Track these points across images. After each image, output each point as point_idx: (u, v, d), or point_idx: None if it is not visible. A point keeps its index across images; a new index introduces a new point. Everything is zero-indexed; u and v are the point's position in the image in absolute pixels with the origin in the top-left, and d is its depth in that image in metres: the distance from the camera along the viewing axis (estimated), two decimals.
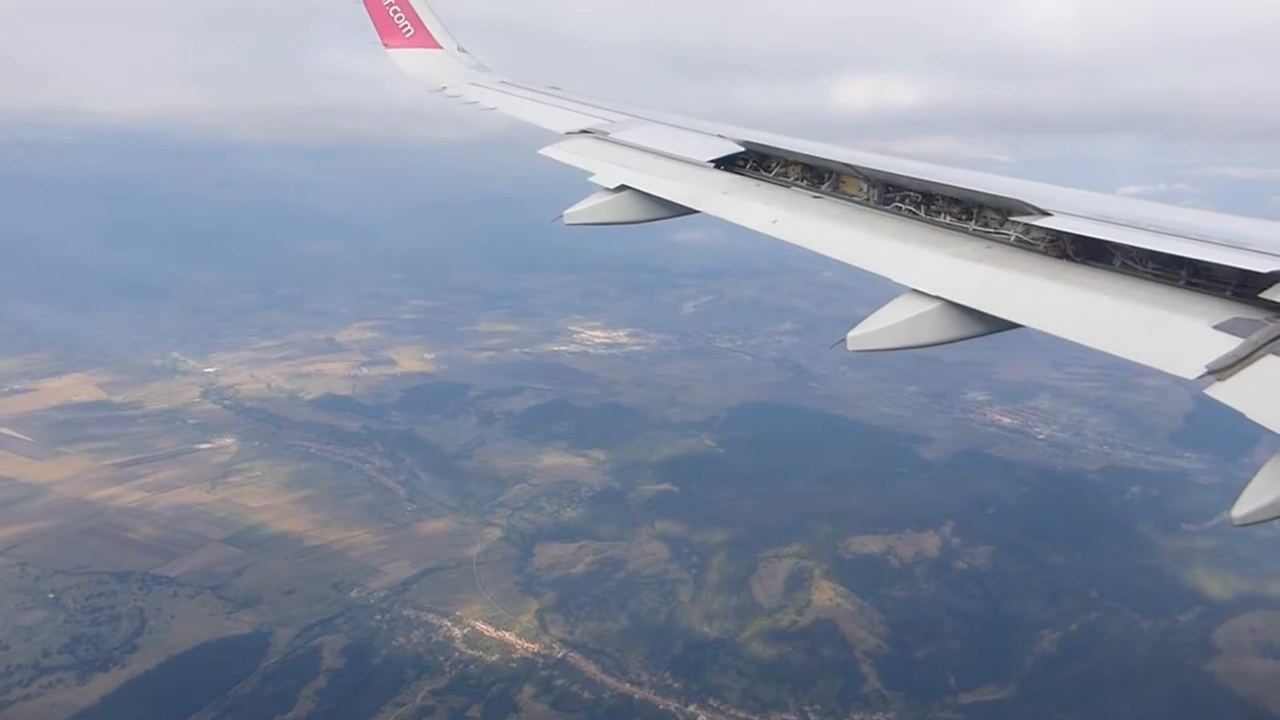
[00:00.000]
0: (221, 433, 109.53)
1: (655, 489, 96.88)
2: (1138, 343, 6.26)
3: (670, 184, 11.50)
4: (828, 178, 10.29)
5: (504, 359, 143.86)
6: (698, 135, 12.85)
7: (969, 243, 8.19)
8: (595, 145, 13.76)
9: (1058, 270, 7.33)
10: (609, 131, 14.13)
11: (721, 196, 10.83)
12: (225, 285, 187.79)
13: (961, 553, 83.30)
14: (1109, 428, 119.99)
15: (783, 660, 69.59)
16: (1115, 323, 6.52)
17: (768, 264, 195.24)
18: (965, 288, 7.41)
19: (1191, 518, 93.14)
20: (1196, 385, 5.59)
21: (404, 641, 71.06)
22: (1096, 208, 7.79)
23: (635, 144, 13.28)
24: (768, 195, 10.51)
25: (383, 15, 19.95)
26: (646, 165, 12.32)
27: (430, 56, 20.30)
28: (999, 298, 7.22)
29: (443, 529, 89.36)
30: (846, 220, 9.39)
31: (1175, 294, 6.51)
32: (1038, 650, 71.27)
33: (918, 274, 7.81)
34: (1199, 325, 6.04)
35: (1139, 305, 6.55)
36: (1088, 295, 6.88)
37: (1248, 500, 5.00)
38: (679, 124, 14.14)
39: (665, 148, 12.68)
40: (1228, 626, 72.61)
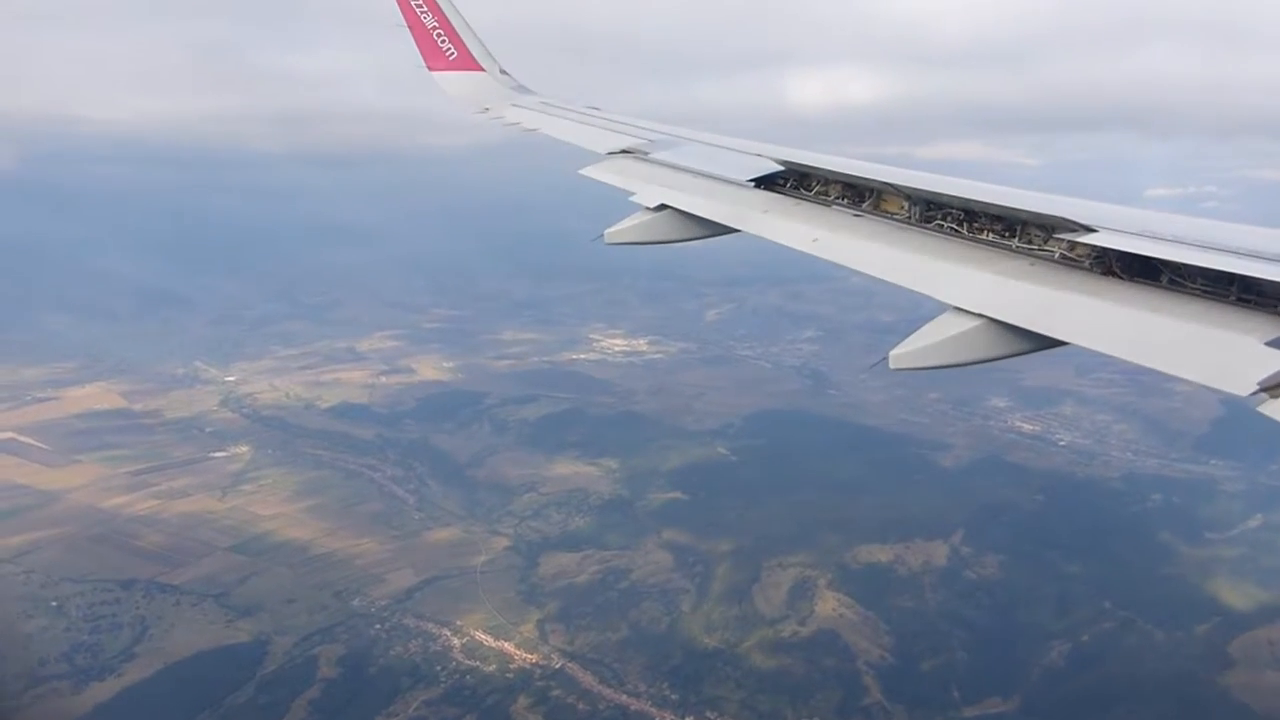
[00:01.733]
0: (237, 441, 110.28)
1: (665, 497, 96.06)
2: (1188, 359, 6.24)
3: (710, 203, 11.68)
4: (868, 196, 10.31)
5: (523, 367, 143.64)
6: (737, 154, 13.02)
7: (1012, 260, 8.20)
8: (635, 165, 14.05)
9: (1104, 287, 7.33)
10: (649, 151, 14.41)
11: (761, 215, 10.94)
12: (251, 295, 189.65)
13: (971, 562, 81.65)
14: (1133, 434, 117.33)
15: (783, 671, 68.45)
16: (1165, 340, 6.50)
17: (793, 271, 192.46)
18: (1009, 305, 7.40)
19: (1215, 526, 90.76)
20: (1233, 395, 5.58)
21: (402, 651, 70.78)
22: (1142, 223, 7.74)
23: (675, 164, 13.51)
24: (808, 214, 10.60)
25: (427, 39, 20.50)
26: (686, 185, 12.49)
27: (473, 79, 20.88)
28: (1044, 315, 7.21)
29: (449, 538, 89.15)
30: (888, 239, 9.42)
31: (1225, 310, 6.47)
32: (1046, 662, 69.55)
33: (960, 292, 7.81)
34: (1250, 342, 5.99)
35: (1188, 322, 6.52)
36: (1136, 312, 6.86)
37: None
38: (718, 143, 14.27)
39: (705, 167, 12.90)
40: (1245, 639, 70.41)
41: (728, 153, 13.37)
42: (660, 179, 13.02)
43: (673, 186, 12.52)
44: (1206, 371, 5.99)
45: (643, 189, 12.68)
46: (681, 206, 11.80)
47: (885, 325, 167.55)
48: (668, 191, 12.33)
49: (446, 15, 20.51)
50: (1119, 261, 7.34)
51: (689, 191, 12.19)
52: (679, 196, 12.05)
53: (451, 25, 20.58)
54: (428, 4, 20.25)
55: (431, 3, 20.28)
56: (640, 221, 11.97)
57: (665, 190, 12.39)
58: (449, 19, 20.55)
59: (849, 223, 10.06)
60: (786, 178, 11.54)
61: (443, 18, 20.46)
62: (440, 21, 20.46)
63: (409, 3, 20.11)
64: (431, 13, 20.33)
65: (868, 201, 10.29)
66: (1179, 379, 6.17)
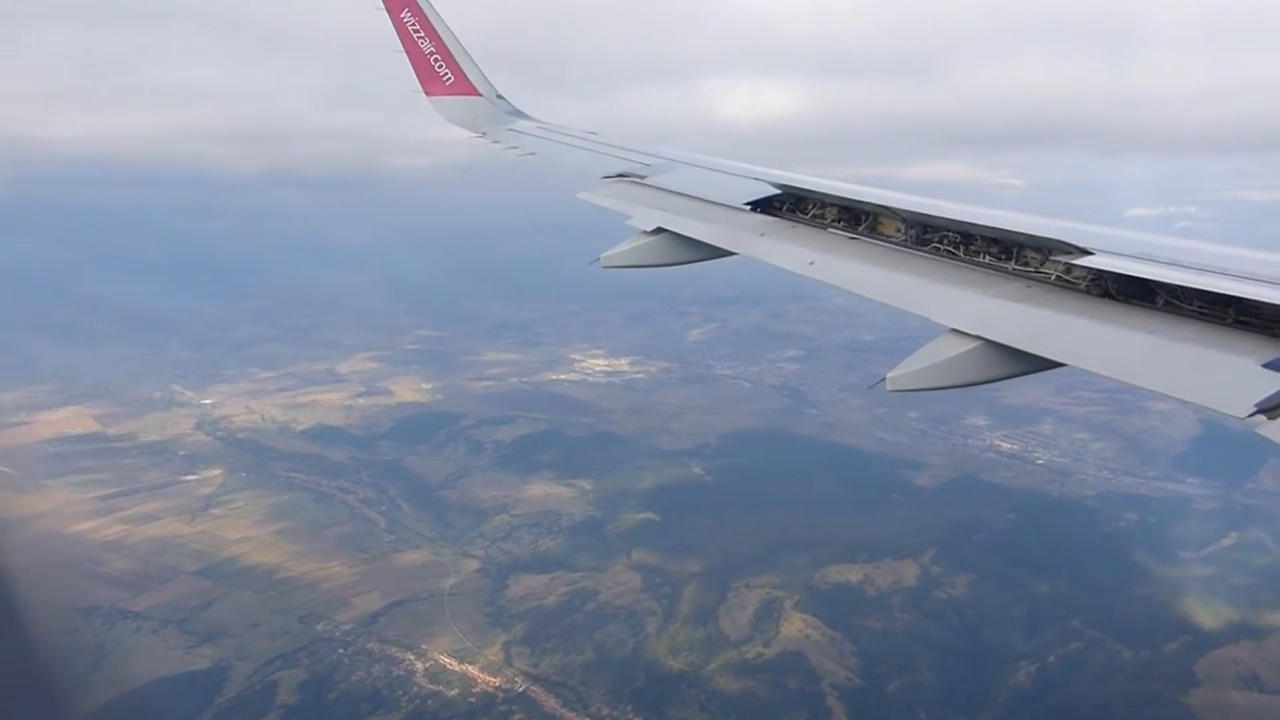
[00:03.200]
0: (210, 464, 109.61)
1: (637, 518, 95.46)
2: (1185, 382, 6.29)
3: (707, 227, 11.83)
4: (864, 219, 10.41)
5: (501, 388, 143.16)
6: (733, 178, 13.26)
7: (1009, 282, 8.31)
8: (632, 189, 14.18)
9: (1101, 309, 7.43)
10: (645, 175, 14.56)
11: (758, 239, 11.08)
12: (232, 317, 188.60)
13: (941, 582, 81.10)
14: (1111, 453, 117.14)
15: (747, 694, 67.75)
16: (1161, 361, 6.56)
17: (777, 291, 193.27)
18: (1006, 327, 7.53)
19: (1189, 545, 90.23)
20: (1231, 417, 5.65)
21: (363, 676, 69.95)
22: (1138, 246, 7.84)
23: (671, 188, 13.67)
24: (804, 237, 10.75)
25: (424, 64, 20.73)
26: (683, 208, 12.65)
27: (469, 103, 21.15)
28: (1041, 337, 7.29)
29: (419, 560, 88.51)
30: (884, 261, 9.59)
31: (1222, 332, 6.55)
32: (1013, 683, 68.90)
33: (957, 314, 7.95)
34: (1247, 364, 6.03)
35: (1185, 344, 6.57)
36: (1132, 334, 6.93)
37: None
38: (714, 167, 14.51)
39: (701, 191, 13.10)
40: (1211, 657, 69.78)
41: (724, 176, 13.59)
42: (656, 203, 13.16)
43: (669, 210, 12.66)
44: (1203, 393, 6.05)
45: (639, 213, 12.80)
46: (678, 230, 11.93)
47: (867, 345, 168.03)
48: (664, 215, 12.44)
49: (443, 40, 20.77)
50: (1115, 284, 7.42)
51: (685, 215, 12.33)
52: (676, 220, 12.20)
53: (448, 50, 20.87)
54: (424, 29, 20.51)
55: (428, 28, 20.53)
56: (637, 245, 12.12)
57: (662, 214, 12.52)
58: (445, 44, 20.83)
59: (845, 245, 10.19)
60: (783, 201, 11.66)
61: (439, 43, 20.73)
62: (437, 47, 20.75)
63: (406, 28, 20.37)
64: (428, 38, 20.59)
65: (864, 224, 10.37)
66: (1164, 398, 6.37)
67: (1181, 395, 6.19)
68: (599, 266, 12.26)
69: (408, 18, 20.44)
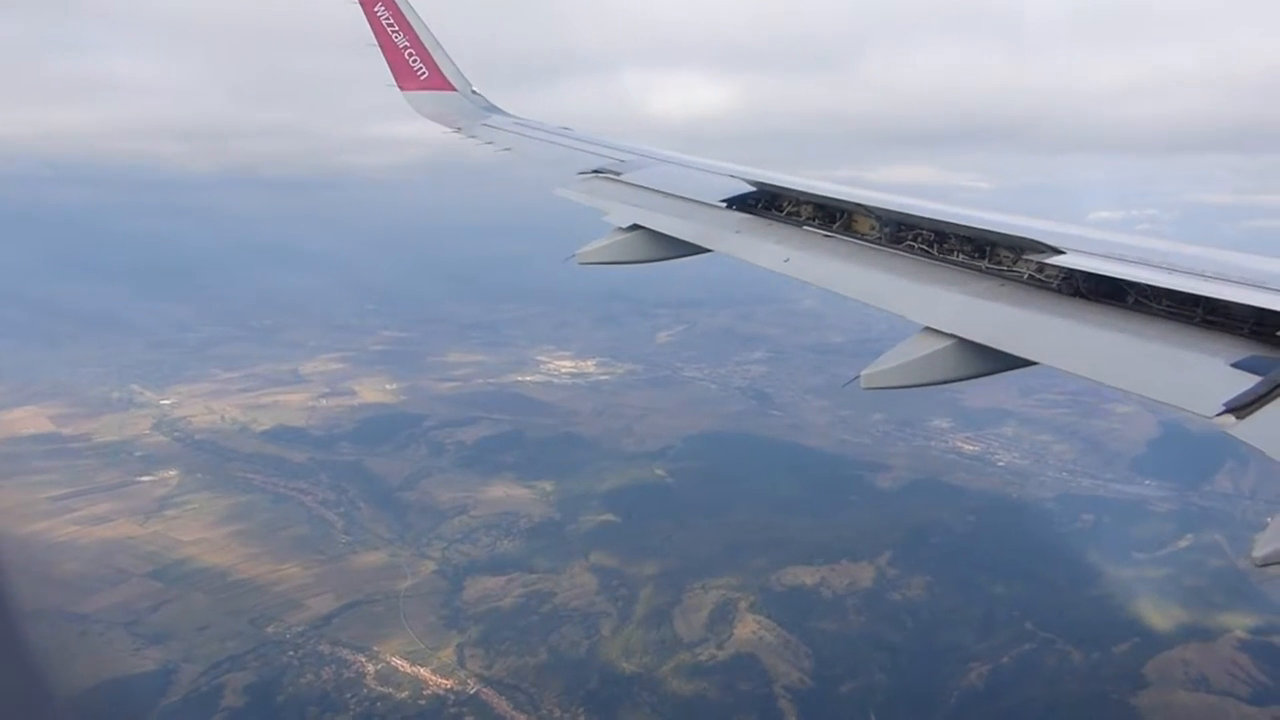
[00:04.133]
0: (166, 465, 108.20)
1: (597, 520, 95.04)
2: (1154, 381, 6.30)
3: (683, 223, 11.84)
4: (839, 217, 10.45)
5: (466, 389, 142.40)
6: (709, 175, 13.34)
7: (982, 281, 8.36)
8: (608, 185, 14.18)
9: (1071, 308, 7.47)
10: (621, 172, 14.51)
11: (734, 236, 11.11)
12: (196, 318, 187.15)
13: (898, 583, 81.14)
14: (1071, 455, 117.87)
15: (699, 696, 67.44)
16: (1131, 360, 6.61)
17: (745, 293, 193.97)
18: (979, 326, 7.58)
19: (1145, 547, 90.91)
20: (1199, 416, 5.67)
21: (312, 679, 69.12)
22: (1109, 245, 7.90)
23: (647, 184, 13.61)
24: (780, 234, 10.76)
25: (398, 59, 20.66)
26: (659, 205, 12.65)
27: (444, 99, 21.05)
28: (1013, 335, 7.35)
29: (375, 562, 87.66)
30: (859, 259, 9.64)
31: (1191, 332, 6.59)
32: (965, 684, 68.94)
33: (931, 312, 7.99)
34: (1216, 363, 6.08)
35: (1154, 343, 6.63)
36: (1102, 333, 7.00)
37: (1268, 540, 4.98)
38: (691, 164, 14.53)
39: (677, 188, 13.04)
40: (1160, 659, 70.15)
41: (700, 173, 13.65)
42: (632, 199, 13.15)
43: (645, 207, 12.66)
44: (1173, 393, 6.06)
45: (615, 209, 12.80)
46: (654, 227, 11.93)
47: (834, 347, 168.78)
48: (640, 212, 12.45)
49: (418, 35, 20.68)
50: (1086, 283, 7.48)
51: (661, 212, 12.34)
52: (651, 217, 12.20)
53: (423, 45, 20.78)
54: (399, 24, 20.42)
55: (403, 22, 20.44)
56: (612, 242, 12.10)
57: (637, 210, 12.51)
58: (420, 39, 20.73)
59: (820, 243, 10.24)
60: (758, 198, 11.65)
61: (414, 37, 20.64)
62: (411, 41, 20.66)
63: (380, 22, 20.25)
64: (403, 32, 20.51)
65: (839, 222, 10.41)
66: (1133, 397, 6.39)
67: (1151, 394, 6.21)
68: (574, 263, 12.20)
69: (381, 12, 20.35)
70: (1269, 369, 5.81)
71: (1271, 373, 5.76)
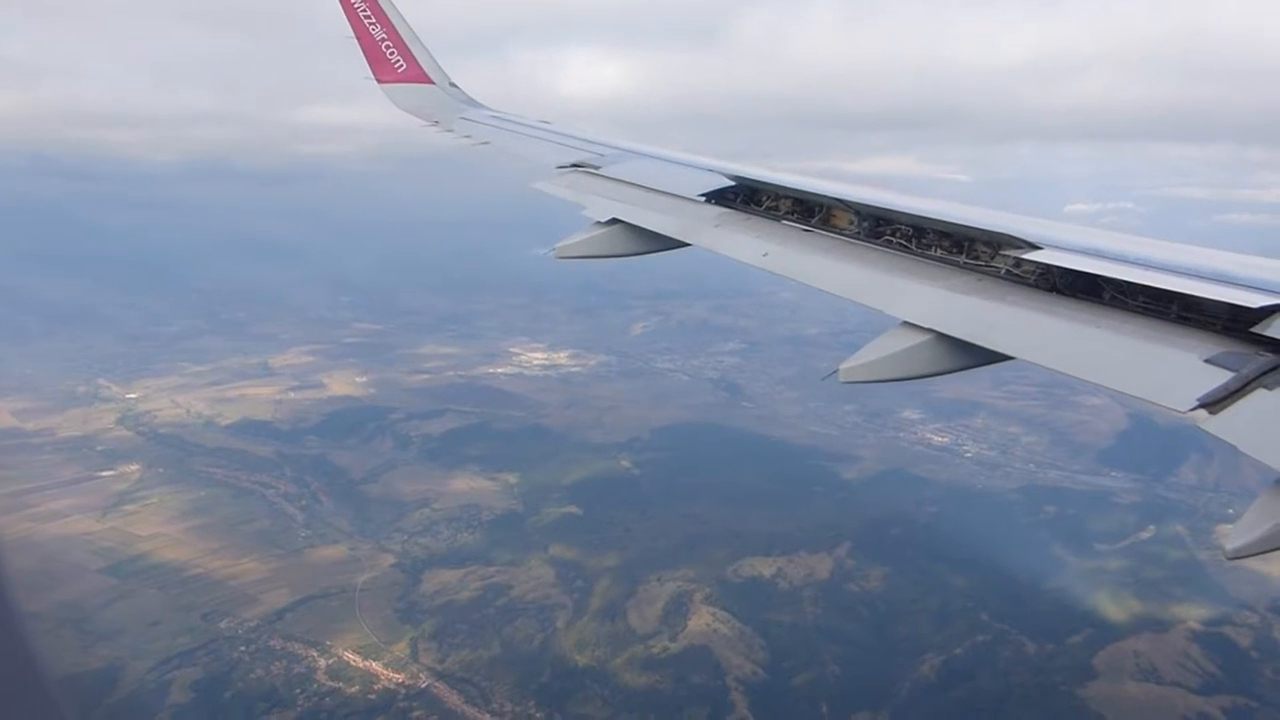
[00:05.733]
0: (128, 460, 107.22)
1: (559, 512, 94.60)
2: (1129, 376, 6.39)
3: (661, 217, 11.86)
4: (818, 211, 10.48)
5: (436, 382, 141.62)
6: (688, 169, 13.24)
7: (960, 276, 8.39)
8: (586, 179, 14.20)
9: (1048, 303, 7.51)
10: (600, 166, 14.55)
11: (713, 230, 11.15)
12: (168, 311, 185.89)
13: (855, 575, 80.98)
14: (1040, 446, 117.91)
15: (651, 689, 67.18)
16: (1106, 355, 6.69)
17: (722, 285, 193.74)
18: (956, 320, 7.60)
19: (1106, 538, 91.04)
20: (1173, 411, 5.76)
21: (262, 674, 68.54)
22: (1086, 242, 7.92)
23: (626, 178, 13.67)
24: (758, 229, 10.78)
25: (375, 50, 20.60)
26: (637, 199, 12.67)
27: (422, 91, 21.01)
28: (990, 330, 7.38)
29: (334, 556, 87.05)
30: (837, 254, 9.64)
31: (1166, 328, 6.66)
32: (917, 676, 68.79)
33: (909, 307, 8.01)
34: (1190, 359, 6.17)
35: (1129, 339, 6.70)
36: (1078, 328, 7.06)
37: (1241, 533, 5.07)
38: (669, 158, 14.51)
39: (656, 182, 13.05)
40: (1112, 650, 70.18)
41: (679, 168, 13.56)
42: (611, 193, 13.19)
43: (624, 201, 12.68)
44: (1147, 388, 6.16)
45: (594, 203, 12.85)
46: (633, 221, 11.94)
47: (809, 338, 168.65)
48: (619, 206, 12.49)
49: (395, 27, 20.60)
50: (1063, 278, 7.51)
51: (640, 206, 12.38)
52: (630, 211, 12.22)
53: (400, 37, 20.71)
54: (375, 15, 20.36)
55: (379, 14, 20.36)
56: (591, 235, 12.10)
57: (617, 204, 12.55)
58: (397, 31, 20.65)
59: (799, 238, 10.27)
60: (737, 193, 11.67)
61: (390, 29, 20.56)
62: (388, 33, 20.58)
63: (357, 14, 20.18)
64: (379, 24, 20.43)
65: (817, 217, 10.44)
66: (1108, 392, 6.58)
67: (1126, 389, 6.28)
68: (551, 257, 12.17)
69: (358, 3, 20.18)
70: (1241, 365, 5.90)
71: (1244, 369, 5.85)
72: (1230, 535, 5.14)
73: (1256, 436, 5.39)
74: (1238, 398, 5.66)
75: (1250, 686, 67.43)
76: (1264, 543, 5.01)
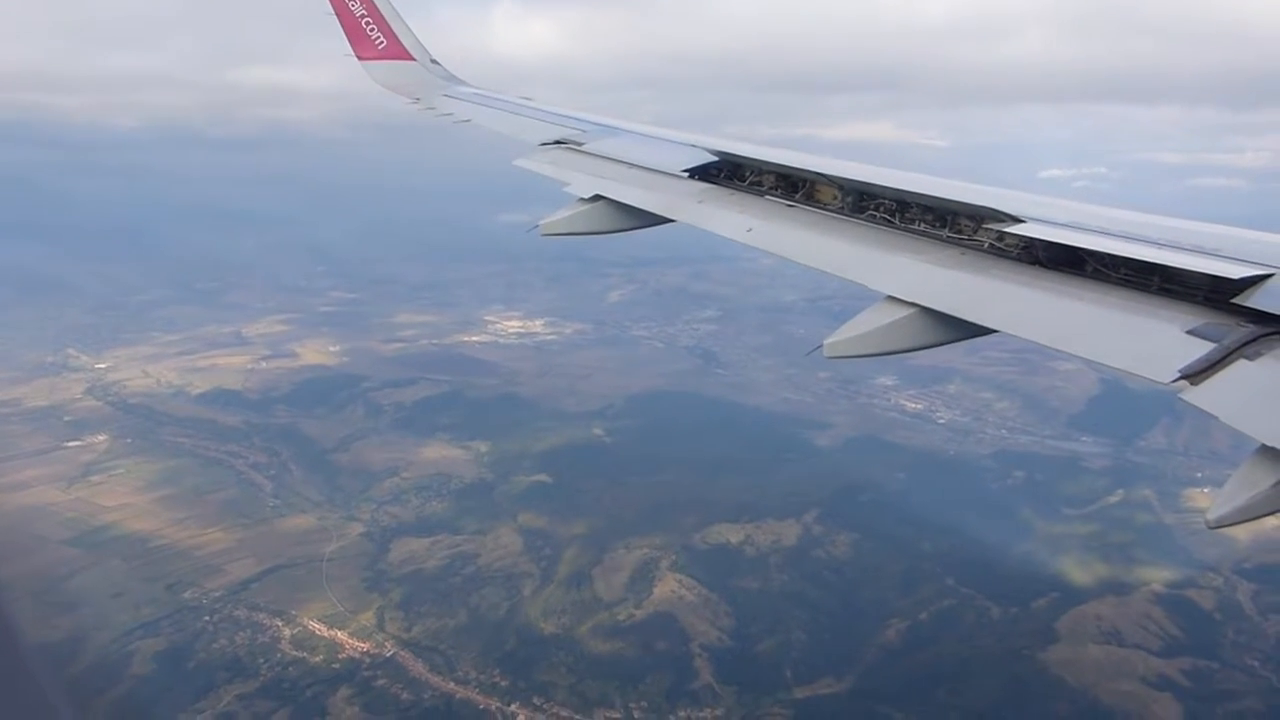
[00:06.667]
0: (96, 430, 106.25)
1: (529, 480, 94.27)
2: (1112, 348, 6.43)
3: (645, 194, 11.81)
4: (801, 186, 10.49)
5: (411, 350, 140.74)
6: (671, 145, 13.29)
7: (943, 250, 8.43)
8: (569, 156, 14.17)
9: (1030, 276, 7.57)
10: (582, 142, 14.48)
11: (696, 206, 11.11)
12: (141, 280, 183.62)
13: (823, 541, 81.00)
14: (1012, 412, 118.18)
15: (616, 656, 67.19)
16: (1088, 328, 6.74)
17: (700, 252, 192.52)
18: (940, 294, 7.63)
19: (1075, 502, 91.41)
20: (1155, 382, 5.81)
21: (226, 644, 68.23)
22: (1069, 214, 7.99)
23: (609, 154, 13.63)
24: (742, 204, 10.79)
25: (355, 27, 20.39)
26: (621, 175, 12.65)
27: (403, 68, 20.85)
28: (973, 304, 7.43)
29: (302, 525, 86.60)
30: (821, 228, 9.65)
31: (1148, 300, 6.71)
32: (881, 641, 68.97)
33: (893, 281, 8.04)
34: (1171, 330, 6.23)
35: (1111, 311, 6.76)
36: (1060, 301, 7.12)
37: (1222, 503, 5.14)
38: (652, 134, 14.46)
39: (639, 158, 13.03)
40: (1075, 613, 70.46)
41: (662, 143, 13.60)
42: (594, 169, 13.15)
43: (607, 177, 12.65)
44: (1130, 360, 6.18)
45: (577, 180, 12.80)
46: (616, 197, 11.90)
47: (785, 305, 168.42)
48: (602, 182, 12.42)
49: (375, 3, 20.43)
50: (1045, 251, 7.55)
51: (623, 182, 12.33)
52: (613, 187, 12.19)
53: (380, 13, 20.52)
54: None
55: None
56: (575, 212, 12.04)
57: (600, 181, 12.49)
58: (377, 7, 20.47)
59: (783, 212, 10.25)
60: (720, 168, 11.69)
61: (370, 6, 20.39)
62: (368, 9, 20.40)
63: None
64: (359, 1, 20.23)
65: (801, 192, 10.45)
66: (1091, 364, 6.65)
67: (1108, 362, 6.35)
68: (532, 230, 12.14)
69: None
70: (1222, 336, 5.95)
71: (1225, 339, 5.89)
72: (1211, 505, 5.22)
73: (1237, 407, 5.45)
74: (1219, 369, 5.73)
75: (1212, 648, 67.84)
76: (1244, 512, 5.08)
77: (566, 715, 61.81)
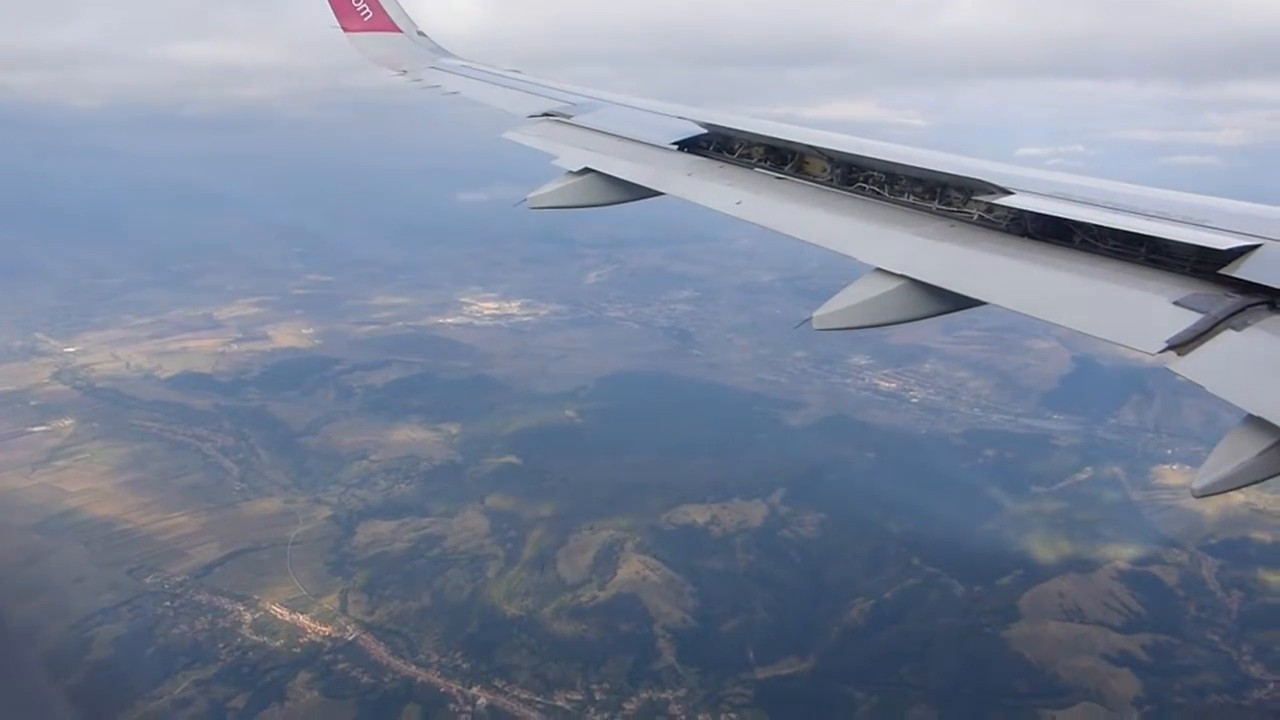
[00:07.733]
0: (62, 415, 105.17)
1: (498, 462, 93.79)
2: (1099, 319, 6.51)
3: (634, 166, 11.80)
4: (790, 159, 10.53)
5: (385, 333, 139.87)
6: (660, 117, 13.21)
7: (932, 222, 8.45)
8: (558, 129, 14.06)
9: (1019, 248, 7.63)
10: (571, 115, 14.43)
11: (685, 178, 11.10)
12: (112, 264, 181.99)
13: (789, 521, 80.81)
14: (986, 391, 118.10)
15: (578, 638, 66.89)
16: (1076, 299, 6.79)
17: (678, 231, 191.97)
18: (929, 266, 7.69)
19: (1043, 480, 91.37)
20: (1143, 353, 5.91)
21: (186, 629, 67.65)
22: (1057, 186, 7.99)
23: (598, 127, 13.59)
24: (731, 177, 10.79)
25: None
26: (609, 148, 12.63)
27: (390, 40, 20.65)
28: (962, 276, 7.47)
29: (269, 509, 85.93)
30: (810, 201, 9.67)
31: (1135, 271, 6.76)
32: (846, 620, 68.87)
33: (882, 253, 8.06)
34: (1159, 301, 6.27)
35: (1099, 282, 6.81)
36: (1049, 272, 7.15)
37: (1207, 472, 5.16)
38: (641, 106, 14.46)
39: (628, 130, 13.00)
40: (1037, 591, 70.54)
41: (650, 115, 13.57)
42: (583, 142, 13.13)
43: (596, 150, 12.63)
44: (1117, 330, 6.27)
45: (565, 152, 12.73)
46: (605, 170, 11.86)
47: (762, 285, 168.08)
48: (591, 155, 12.42)
49: None
50: (1034, 223, 7.61)
51: (612, 155, 12.33)
52: (602, 160, 12.15)
53: None
54: None
55: None
56: (563, 185, 11.97)
57: (588, 154, 12.47)
58: None
59: (772, 185, 10.28)
60: (709, 140, 11.65)
61: None
62: None
63: None
64: None
65: (790, 164, 10.49)
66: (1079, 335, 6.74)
67: (1096, 332, 6.41)
68: (519, 207, 12.12)
69: None
70: (1210, 306, 5.99)
71: (1212, 310, 5.94)
72: (1197, 473, 5.23)
73: (1223, 377, 5.49)
74: (1206, 339, 5.77)
75: (1174, 624, 67.95)
76: (1230, 481, 5.10)
77: (527, 698, 61.61)
